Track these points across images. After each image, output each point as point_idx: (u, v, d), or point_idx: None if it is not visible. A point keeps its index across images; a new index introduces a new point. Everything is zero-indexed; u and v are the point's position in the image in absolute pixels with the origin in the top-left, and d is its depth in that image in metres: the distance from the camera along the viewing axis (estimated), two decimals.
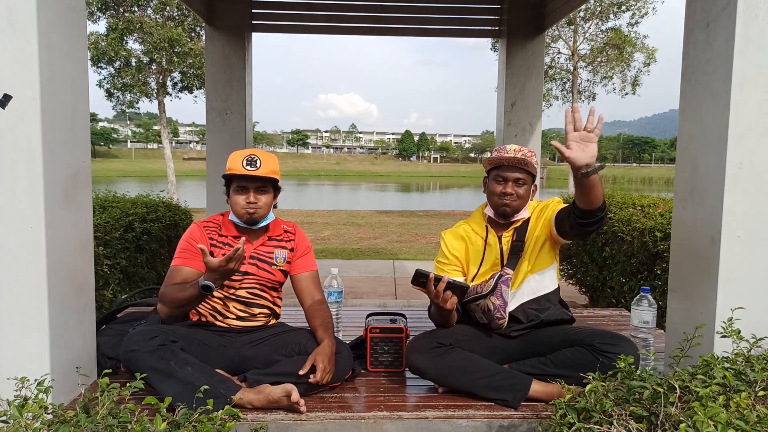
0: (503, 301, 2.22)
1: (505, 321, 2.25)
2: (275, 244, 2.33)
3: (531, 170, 2.27)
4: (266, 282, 2.30)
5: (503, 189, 2.26)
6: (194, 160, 79.94)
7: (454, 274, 2.34)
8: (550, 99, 19.32)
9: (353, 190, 39.91)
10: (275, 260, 2.31)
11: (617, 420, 1.42)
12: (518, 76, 5.22)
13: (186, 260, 2.21)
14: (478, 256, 2.34)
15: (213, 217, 2.35)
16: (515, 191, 2.25)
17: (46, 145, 1.83)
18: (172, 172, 17.62)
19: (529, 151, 2.26)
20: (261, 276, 2.28)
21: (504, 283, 2.23)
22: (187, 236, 2.26)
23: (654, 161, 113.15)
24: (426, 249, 8.85)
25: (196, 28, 16.15)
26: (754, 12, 1.84)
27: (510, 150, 2.26)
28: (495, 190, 2.28)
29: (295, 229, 2.42)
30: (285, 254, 2.34)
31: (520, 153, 2.24)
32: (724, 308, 1.89)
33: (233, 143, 5.12)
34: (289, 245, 2.36)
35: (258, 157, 2.18)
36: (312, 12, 5.39)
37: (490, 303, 2.24)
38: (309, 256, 2.40)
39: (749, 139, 1.87)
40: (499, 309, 2.23)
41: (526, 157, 2.22)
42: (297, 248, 2.37)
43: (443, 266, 2.37)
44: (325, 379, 2.03)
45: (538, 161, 2.28)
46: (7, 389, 1.59)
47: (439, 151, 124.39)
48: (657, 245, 3.64)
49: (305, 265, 2.37)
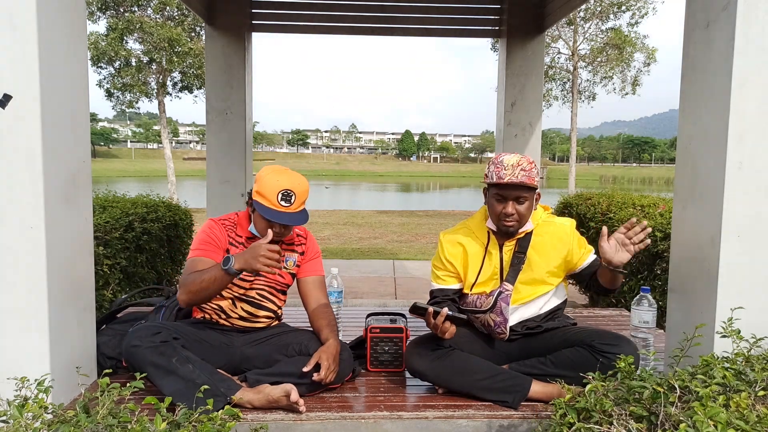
0: (503, 318, 2.19)
1: (506, 335, 2.23)
2: (287, 248, 2.33)
3: (532, 186, 2.13)
4: (276, 285, 2.31)
5: (504, 209, 2.14)
6: (194, 160, 79.99)
7: (449, 280, 2.30)
8: (550, 99, 19.34)
9: (353, 190, 39.91)
10: (286, 264, 2.32)
11: (617, 420, 1.42)
12: (518, 76, 5.22)
13: (207, 252, 2.17)
14: (477, 263, 2.26)
15: (228, 215, 2.32)
16: (516, 210, 2.14)
17: (46, 145, 1.83)
18: (172, 172, 17.61)
19: (528, 163, 2.13)
20: (270, 278, 2.28)
21: (503, 300, 2.18)
22: (208, 230, 2.22)
23: (654, 161, 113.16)
24: (426, 249, 8.85)
25: (196, 28, 16.15)
26: (754, 12, 1.84)
27: (508, 166, 2.11)
28: (495, 209, 2.17)
29: (307, 234, 2.42)
30: (295, 258, 2.34)
31: (518, 169, 2.10)
32: (724, 308, 1.89)
33: (233, 143, 5.12)
34: (300, 249, 2.37)
35: (294, 194, 2.11)
36: (312, 12, 5.39)
37: (490, 319, 2.21)
38: (318, 261, 2.40)
39: (749, 139, 1.87)
40: (500, 325, 2.20)
41: (524, 179, 2.09)
42: (307, 252, 2.38)
43: (438, 271, 2.32)
44: (329, 378, 2.03)
45: (537, 166, 2.20)
46: (7, 389, 1.59)
47: (439, 151, 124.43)
48: (657, 245, 3.64)
49: (313, 269, 2.37)
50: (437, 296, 2.31)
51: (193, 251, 2.20)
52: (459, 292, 2.32)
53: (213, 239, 2.20)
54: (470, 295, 2.26)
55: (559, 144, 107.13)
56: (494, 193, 2.17)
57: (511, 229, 2.18)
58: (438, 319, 2.02)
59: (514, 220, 2.16)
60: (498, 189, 2.15)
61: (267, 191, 2.10)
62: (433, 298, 2.34)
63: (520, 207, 2.15)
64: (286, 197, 2.10)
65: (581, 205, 5.26)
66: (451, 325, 2.06)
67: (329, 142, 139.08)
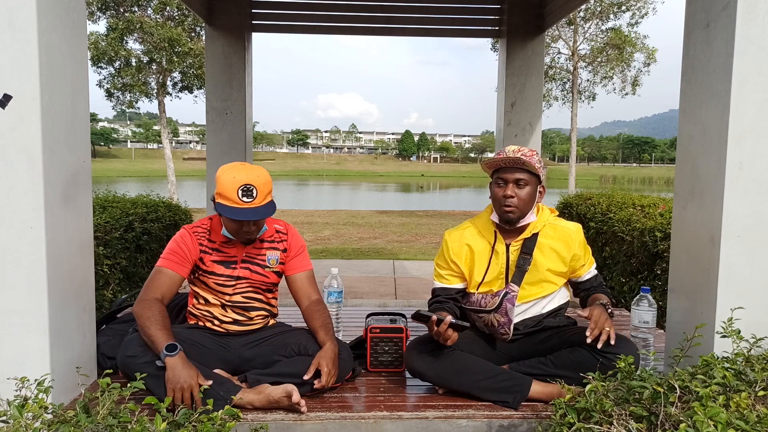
0: (508, 318, 2.19)
1: (509, 336, 2.23)
2: (267, 246, 2.27)
3: (532, 170, 2.16)
4: (260, 285, 2.26)
5: (504, 192, 2.16)
6: (194, 160, 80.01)
7: (452, 280, 2.30)
8: (550, 99, 19.33)
9: (353, 190, 39.91)
10: (268, 262, 2.26)
11: (617, 420, 1.42)
12: (518, 76, 5.22)
13: (171, 262, 2.15)
14: (483, 263, 2.25)
15: (201, 221, 2.27)
16: (516, 193, 2.15)
17: (46, 145, 1.83)
18: (172, 172, 17.61)
19: (529, 150, 2.17)
20: (254, 279, 2.24)
21: (509, 301, 2.18)
22: (179, 239, 2.18)
23: (654, 161, 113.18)
24: (426, 249, 8.85)
25: (196, 28, 16.15)
26: (754, 12, 1.84)
27: (509, 151, 2.17)
28: (496, 194, 2.20)
29: (287, 228, 2.34)
30: (278, 255, 2.28)
31: (519, 153, 2.14)
32: (724, 308, 1.89)
33: (233, 143, 5.12)
34: (282, 246, 2.30)
35: (254, 187, 2.04)
36: (312, 12, 5.39)
37: (494, 320, 2.21)
38: (303, 255, 2.33)
39: (749, 139, 1.87)
40: (504, 326, 2.20)
41: (524, 156, 2.13)
42: (290, 248, 2.30)
43: (441, 270, 2.32)
44: (330, 383, 2.02)
45: (540, 160, 2.21)
46: (7, 389, 1.59)
47: (439, 151, 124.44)
48: (657, 245, 3.64)
49: (300, 265, 2.31)
50: (440, 295, 2.32)
51: (162, 258, 2.17)
52: (462, 292, 2.32)
53: (181, 250, 2.16)
54: (475, 294, 2.26)
55: (559, 144, 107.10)
56: (496, 179, 2.22)
57: (512, 216, 2.18)
58: (441, 328, 2.02)
59: (514, 205, 2.16)
60: (498, 173, 2.20)
61: (226, 190, 2.04)
62: (435, 296, 2.34)
63: (520, 192, 2.16)
64: (247, 192, 2.03)
65: (581, 205, 5.26)
66: (453, 333, 2.05)
67: (329, 142, 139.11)
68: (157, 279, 2.13)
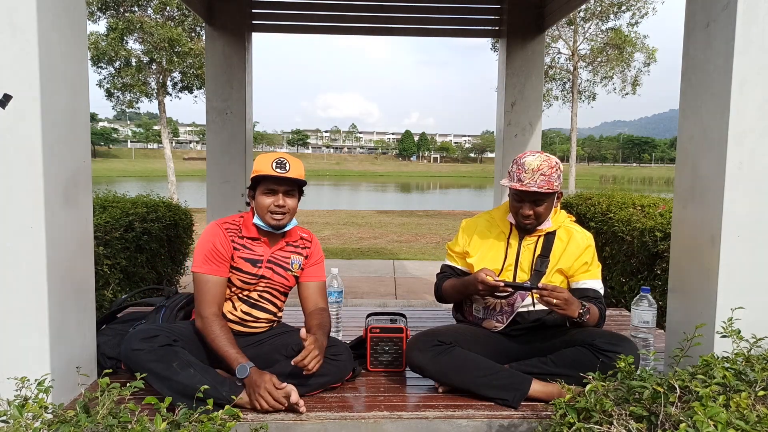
0: (511, 309, 2.24)
1: (501, 327, 2.27)
2: (292, 250, 2.32)
3: (549, 191, 2.15)
4: (279, 287, 2.30)
5: (521, 210, 2.20)
6: (194, 160, 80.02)
7: (460, 262, 2.42)
8: (550, 99, 19.32)
9: (353, 190, 39.90)
10: (291, 266, 2.31)
11: (617, 420, 1.42)
12: (518, 76, 5.22)
13: (213, 267, 2.17)
14: (499, 253, 2.31)
15: (232, 217, 2.31)
16: (534, 211, 2.19)
17: (46, 145, 1.83)
18: (173, 172, 17.60)
19: (549, 168, 2.13)
20: (275, 280, 2.27)
21: (521, 296, 2.24)
22: (212, 239, 2.19)
23: (654, 161, 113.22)
24: (426, 249, 8.85)
25: (196, 28, 16.14)
26: (754, 12, 1.84)
27: (528, 170, 2.13)
28: (514, 206, 2.25)
29: (312, 237, 2.41)
30: (300, 261, 2.34)
31: (538, 174, 2.11)
32: (724, 308, 1.89)
33: (233, 143, 5.12)
34: (305, 252, 2.36)
35: (287, 160, 2.17)
36: (312, 12, 5.39)
37: (499, 305, 2.26)
38: (320, 266, 2.40)
39: (749, 139, 1.87)
40: (504, 314, 2.24)
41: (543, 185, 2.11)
42: (311, 256, 2.37)
43: (452, 253, 2.45)
44: (311, 364, 1.97)
45: (561, 167, 2.18)
46: (7, 389, 1.59)
47: (439, 151, 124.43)
48: (657, 245, 3.64)
49: (316, 274, 2.37)
50: (446, 271, 2.46)
51: (199, 265, 2.17)
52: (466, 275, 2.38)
53: (217, 251, 2.18)
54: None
55: (559, 144, 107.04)
56: (513, 193, 2.23)
57: (529, 227, 2.26)
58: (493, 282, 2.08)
59: (532, 219, 2.22)
60: (516, 190, 2.20)
61: (262, 165, 2.17)
62: (443, 272, 2.48)
63: (538, 208, 2.20)
64: (281, 164, 2.16)
65: (581, 205, 5.26)
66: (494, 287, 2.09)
67: (329, 142, 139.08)
68: (207, 291, 2.15)
